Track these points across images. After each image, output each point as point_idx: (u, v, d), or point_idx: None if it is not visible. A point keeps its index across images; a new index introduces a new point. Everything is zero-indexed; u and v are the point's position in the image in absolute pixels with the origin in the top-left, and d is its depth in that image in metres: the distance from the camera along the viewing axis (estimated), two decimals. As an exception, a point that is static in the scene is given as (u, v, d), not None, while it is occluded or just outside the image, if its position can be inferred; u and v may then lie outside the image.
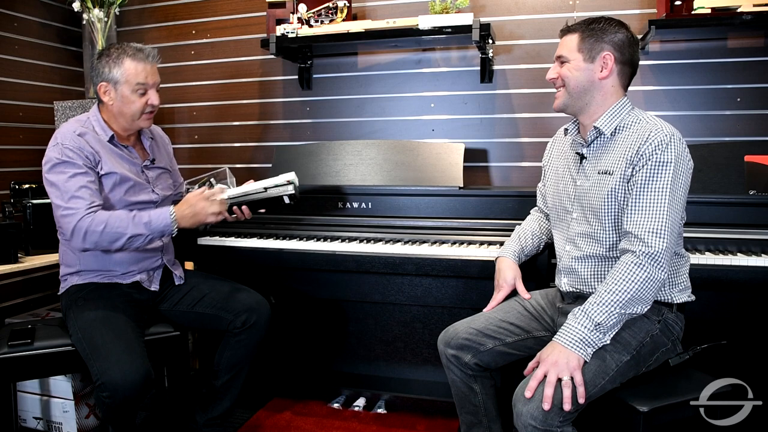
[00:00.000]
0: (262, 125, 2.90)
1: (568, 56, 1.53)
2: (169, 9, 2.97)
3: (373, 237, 2.17)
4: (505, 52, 2.56)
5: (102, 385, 1.60)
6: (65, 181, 1.74)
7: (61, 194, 1.74)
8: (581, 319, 1.38)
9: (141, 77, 1.83)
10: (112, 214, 1.75)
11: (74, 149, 1.76)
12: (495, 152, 2.60)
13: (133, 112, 1.85)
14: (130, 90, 1.83)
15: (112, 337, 1.69)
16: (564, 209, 1.64)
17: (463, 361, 1.62)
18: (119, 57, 1.82)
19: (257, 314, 1.93)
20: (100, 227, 1.71)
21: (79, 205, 1.72)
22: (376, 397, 2.37)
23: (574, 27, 1.54)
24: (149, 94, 1.86)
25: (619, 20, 1.54)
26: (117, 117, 1.87)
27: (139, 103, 1.84)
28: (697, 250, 1.87)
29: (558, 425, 1.31)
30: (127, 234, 1.73)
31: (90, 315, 1.76)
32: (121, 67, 1.82)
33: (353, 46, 2.65)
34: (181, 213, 1.80)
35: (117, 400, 1.59)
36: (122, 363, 1.61)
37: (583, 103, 1.55)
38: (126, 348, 1.67)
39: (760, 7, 2.03)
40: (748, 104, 2.31)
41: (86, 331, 1.72)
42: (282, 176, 1.88)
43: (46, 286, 2.74)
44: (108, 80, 1.83)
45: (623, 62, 1.51)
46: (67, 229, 1.73)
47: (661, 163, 1.41)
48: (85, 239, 1.72)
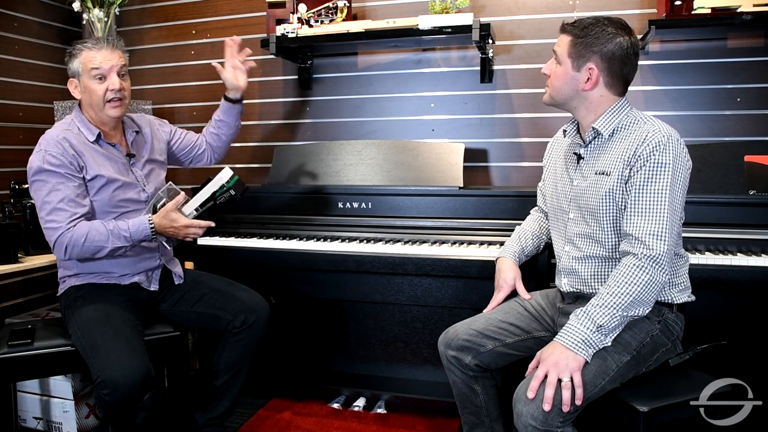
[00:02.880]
0: (262, 125, 2.90)
1: (561, 58, 1.51)
2: (169, 9, 2.97)
3: (373, 237, 2.17)
4: (505, 52, 2.56)
5: (102, 382, 1.60)
6: (47, 193, 1.75)
7: (42, 205, 1.75)
8: (583, 320, 1.38)
9: (96, 62, 1.82)
10: (91, 227, 1.75)
11: (56, 155, 1.76)
12: (495, 152, 2.60)
13: (96, 100, 1.84)
14: (89, 78, 1.83)
15: (111, 335, 1.69)
16: (561, 209, 1.64)
17: (464, 362, 1.62)
18: (78, 50, 1.85)
19: (256, 314, 1.93)
20: (81, 240, 1.73)
21: (60, 219, 1.73)
22: (376, 397, 2.37)
23: (569, 28, 1.51)
24: (109, 80, 1.84)
25: (622, 23, 1.48)
26: (90, 110, 1.88)
27: (100, 90, 1.83)
28: (697, 250, 1.87)
29: (558, 425, 1.31)
30: (108, 247, 1.75)
31: (89, 314, 1.77)
32: (79, 58, 1.84)
33: (353, 46, 2.65)
34: (159, 223, 1.81)
35: (117, 398, 1.59)
36: (122, 360, 1.61)
37: (570, 106, 1.55)
38: (126, 345, 1.67)
39: (760, 7, 2.03)
40: (748, 104, 2.31)
41: (85, 330, 1.72)
42: (218, 178, 1.87)
43: (46, 286, 2.74)
44: (73, 75, 1.86)
45: (612, 74, 1.47)
46: (50, 241, 1.76)
47: (660, 165, 1.40)
48: (66, 252, 1.74)
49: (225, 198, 1.87)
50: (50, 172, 1.75)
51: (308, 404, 2.38)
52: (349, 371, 2.46)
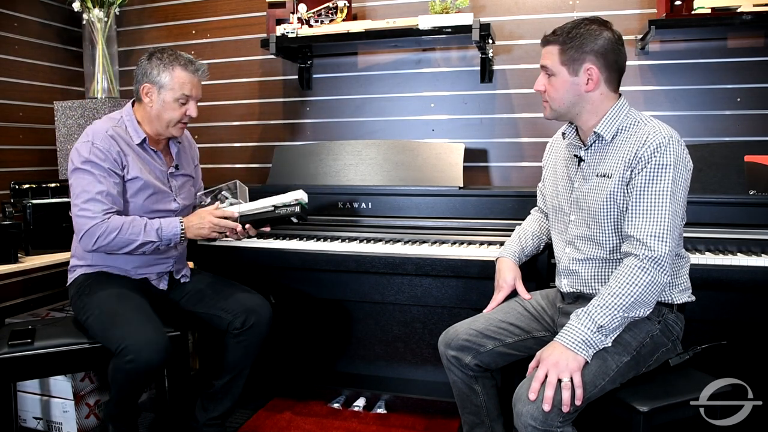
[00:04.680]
0: (262, 125, 2.90)
1: (553, 69, 1.50)
2: (169, 9, 2.97)
3: (373, 237, 2.17)
4: (505, 52, 2.56)
5: (125, 348, 1.61)
6: (88, 182, 1.76)
7: (81, 193, 1.75)
8: (584, 320, 1.37)
9: (187, 89, 1.85)
10: (127, 220, 1.76)
11: (103, 150, 1.78)
12: (495, 152, 2.60)
13: (169, 119, 1.86)
14: (173, 98, 1.84)
15: (132, 306, 1.73)
16: (562, 211, 1.64)
17: (464, 362, 1.62)
18: (171, 63, 1.83)
19: (257, 315, 1.93)
20: (114, 233, 1.74)
21: (96, 209, 1.74)
22: (376, 397, 2.37)
23: (552, 38, 1.50)
24: (189, 106, 1.87)
25: (599, 20, 1.49)
26: (152, 120, 1.88)
27: (178, 113, 1.86)
28: (697, 250, 1.87)
29: (558, 425, 1.31)
30: (139, 241, 1.76)
31: (105, 292, 1.80)
32: (171, 74, 1.83)
33: (353, 46, 2.65)
34: (189, 224, 1.83)
35: (139, 365, 1.61)
36: (146, 328, 1.65)
37: (573, 113, 1.54)
38: (147, 318, 1.70)
39: (760, 7, 2.03)
40: (748, 104, 2.31)
41: (104, 305, 1.75)
42: (290, 194, 1.87)
43: (46, 286, 2.74)
44: (154, 82, 1.84)
45: (609, 68, 1.48)
46: (79, 230, 1.75)
47: (661, 166, 1.40)
48: (94, 244, 1.74)
49: (285, 213, 1.85)
50: (96, 164, 1.76)
51: (308, 404, 2.38)
52: (349, 371, 2.47)
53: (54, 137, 2.57)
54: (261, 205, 1.88)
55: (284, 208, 1.86)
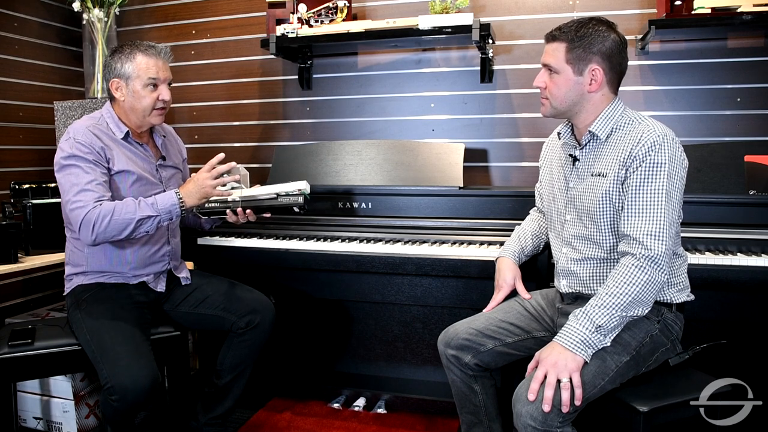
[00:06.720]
0: (262, 125, 2.90)
1: (557, 67, 1.49)
2: (169, 9, 2.97)
3: (373, 237, 2.17)
4: (505, 52, 2.56)
5: (111, 388, 1.60)
6: (76, 175, 1.75)
7: (71, 187, 1.75)
8: (582, 320, 1.37)
9: (152, 72, 1.84)
10: (119, 203, 1.75)
11: (85, 144, 1.77)
12: (495, 152, 2.60)
13: (144, 107, 1.85)
14: (141, 85, 1.83)
15: (120, 339, 1.70)
16: (558, 211, 1.64)
17: (464, 362, 1.62)
18: (132, 52, 1.84)
19: (261, 315, 1.93)
20: (108, 217, 1.71)
21: (86, 198, 1.73)
22: (376, 397, 2.37)
23: (560, 35, 1.49)
24: (160, 90, 1.86)
25: (606, 21, 1.49)
26: (129, 113, 1.88)
27: (150, 99, 1.85)
28: (697, 250, 1.87)
29: (558, 426, 1.31)
30: (136, 217, 1.72)
31: (98, 316, 1.77)
32: (133, 62, 1.83)
33: (353, 46, 2.65)
34: (186, 191, 1.81)
35: (126, 404, 1.60)
36: (132, 368, 1.62)
37: (572, 112, 1.54)
38: (135, 351, 1.67)
39: (760, 7, 2.03)
40: (748, 104, 2.31)
41: (94, 333, 1.73)
42: (294, 184, 1.87)
43: (46, 286, 2.74)
44: (120, 76, 1.85)
45: (613, 70, 1.49)
46: (76, 222, 1.73)
47: (656, 165, 1.40)
48: (93, 231, 1.71)
49: (287, 202, 1.85)
50: (80, 157, 1.76)
51: (308, 404, 2.38)
52: (349, 371, 2.47)
53: (54, 137, 2.58)
54: (264, 192, 1.88)
55: (287, 197, 1.86)
